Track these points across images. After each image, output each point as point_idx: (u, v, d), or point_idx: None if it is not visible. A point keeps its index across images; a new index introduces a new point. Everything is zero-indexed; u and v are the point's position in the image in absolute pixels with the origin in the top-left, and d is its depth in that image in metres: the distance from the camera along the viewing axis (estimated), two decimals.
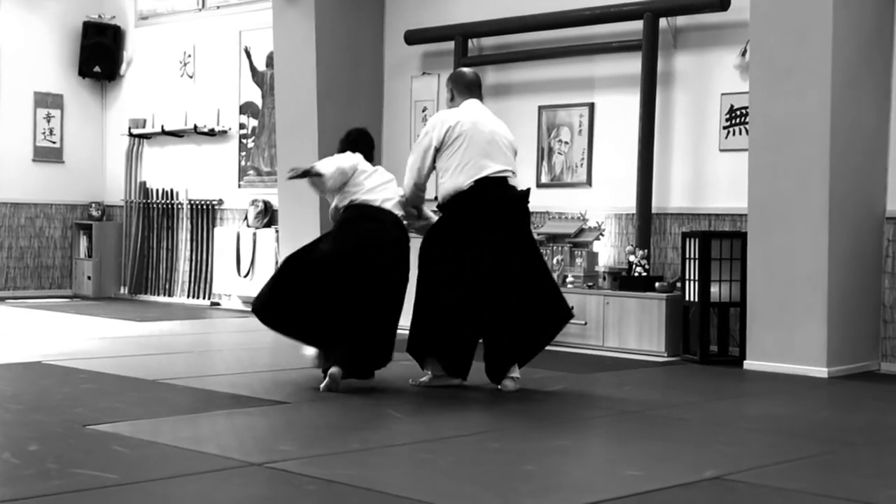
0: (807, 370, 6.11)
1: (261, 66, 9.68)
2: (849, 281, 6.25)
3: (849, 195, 6.23)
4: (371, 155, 5.51)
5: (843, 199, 6.18)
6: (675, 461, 3.82)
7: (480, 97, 5.46)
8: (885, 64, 6.45)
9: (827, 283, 6.09)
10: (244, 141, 9.84)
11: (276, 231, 9.18)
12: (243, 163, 9.85)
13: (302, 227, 8.55)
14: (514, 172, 5.32)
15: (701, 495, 3.37)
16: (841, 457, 4.04)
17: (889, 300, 6.47)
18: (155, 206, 10.55)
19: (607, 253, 7.53)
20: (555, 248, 7.37)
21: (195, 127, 10.03)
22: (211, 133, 9.99)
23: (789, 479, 3.61)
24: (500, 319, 5.14)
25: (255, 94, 9.75)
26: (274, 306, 5.13)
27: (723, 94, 7.08)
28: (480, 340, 5.25)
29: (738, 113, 6.98)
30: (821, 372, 6.09)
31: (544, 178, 7.94)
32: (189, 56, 10.27)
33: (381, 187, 5.32)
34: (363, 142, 5.52)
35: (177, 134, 10.29)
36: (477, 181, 5.16)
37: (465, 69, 5.64)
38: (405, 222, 5.39)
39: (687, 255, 6.72)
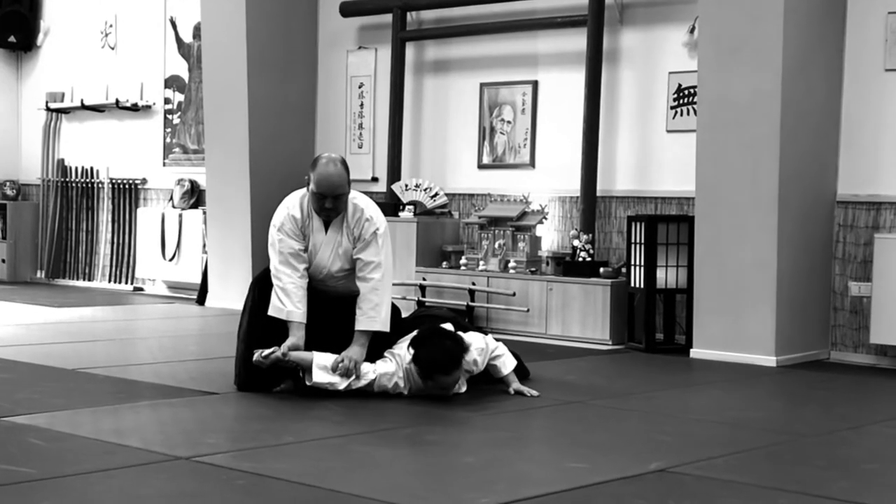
0: (755, 359, 6.07)
1: (187, 37, 9.45)
2: (798, 267, 6.20)
3: (799, 178, 6.18)
4: None
5: (793, 183, 6.12)
6: (620, 453, 3.78)
7: None
8: (837, 43, 6.37)
9: (776, 270, 6.04)
10: (169, 117, 9.61)
11: (204, 212, 8.98)
12: (168, 140, 9.63)
13: (230, 208, 8.37)
14: None
15: (646, 488, 3.33)
16: (790, 448, 4.00)
17: (839, 287, 6.41)
18: (74, 185, 10.28)
19: (551, 237, 7.43)
20: (496, 231, 7.23)
21: (117, 101, 9.79)
22: (134, 108, 9.76)
23: (738, 471, 3.57)
24: None
25: (181, 68, 9.51)
26: None
27: (670, 73, 6.96)
28: None
29: (686, 92, 6.87)
30: (769, 360, 6.04)
31: (486, 159, 7.80)
32: (111, 26, 10.00)
33: None
34: None
35: (97, 109, 10.05)
36: None
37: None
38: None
39: (632, 240, 6.64)
